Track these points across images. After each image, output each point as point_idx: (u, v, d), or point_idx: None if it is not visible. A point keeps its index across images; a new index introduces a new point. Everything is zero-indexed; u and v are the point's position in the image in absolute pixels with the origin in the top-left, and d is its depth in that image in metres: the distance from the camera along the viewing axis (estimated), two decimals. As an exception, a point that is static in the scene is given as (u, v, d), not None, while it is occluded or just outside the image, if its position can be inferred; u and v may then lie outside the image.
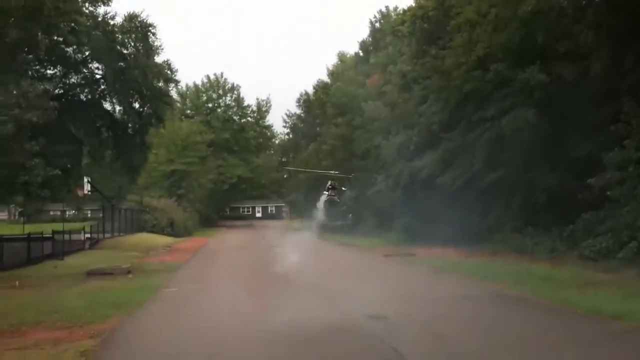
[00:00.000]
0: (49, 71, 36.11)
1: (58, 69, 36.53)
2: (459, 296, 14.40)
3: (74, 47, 35.21)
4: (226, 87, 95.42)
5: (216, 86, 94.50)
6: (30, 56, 32.30)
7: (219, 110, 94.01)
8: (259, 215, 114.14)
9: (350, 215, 62.21)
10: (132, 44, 36.96)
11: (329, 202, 15.71)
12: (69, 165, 35.97)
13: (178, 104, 77.96)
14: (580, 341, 9.05)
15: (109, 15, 35.50)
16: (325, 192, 15.86)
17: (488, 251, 25.49)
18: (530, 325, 10.54)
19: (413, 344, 9.00)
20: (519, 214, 26.19)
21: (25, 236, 26.62)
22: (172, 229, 51.32)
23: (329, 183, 16.03)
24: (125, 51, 36.68)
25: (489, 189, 27.51)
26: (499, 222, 27.35)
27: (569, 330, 9.99)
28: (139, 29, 36.50)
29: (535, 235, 24.62)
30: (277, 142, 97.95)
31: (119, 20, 36.11)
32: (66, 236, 29.46)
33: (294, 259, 26.55)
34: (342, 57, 65.29)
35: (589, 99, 22.72)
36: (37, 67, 34.63)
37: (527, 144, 24.95)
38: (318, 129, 68.05)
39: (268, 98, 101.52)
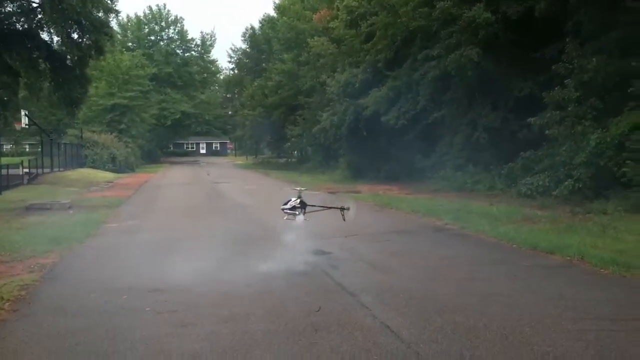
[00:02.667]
0: (-19, -1, 34.35)
1: (-8, -4, 34.77)
2: (402, 231, 14.70)
3: (9, -27, 33.53)
4: (169, 20, 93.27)
5: (158, 18, 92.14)
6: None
7: (161, 43, 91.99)
8: (203, 151, 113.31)
9: (295, 152, 62.42)
10: (71, -31, 35.32)
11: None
12: (5, 98, 34.67)
13: (119, 36, 75.76)
14: (516, 274, 9.37)
15: (45, -62, 33.72)
16: (285, 208, 10.56)
17: (430, 188, 26.02)
18: (469, 259, 10.85)
19: (358, 278, 9.15)
20: (461, 152, 26.74)
21: (-40, 170, 25.82)
22: (114, 165, 50.53)
23: (295, 199, 10.62)
24: (63, -22, 35.01)
25: (433, 127, 27.90)
26: (441, 160, 27.87)
27: (505, 263, 10.32)
28: (78, -47, 34.79)
29: (476, 173, 25.25)
30: (221, 77, 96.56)
31: (55, -57, 34.34)
32: (3, 171, 28.59)
33: (236, 195, 26.61)
34: (289, -10, 64.05)
35: (532, 39, 23.00)
36: (-31, -6, 32.90)
37: (470, 82, 25.27)
38: (264, 64, 67.39)
39: (213, 32, 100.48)
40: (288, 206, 10.53)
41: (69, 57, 38.16)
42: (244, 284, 8.58)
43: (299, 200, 10.56)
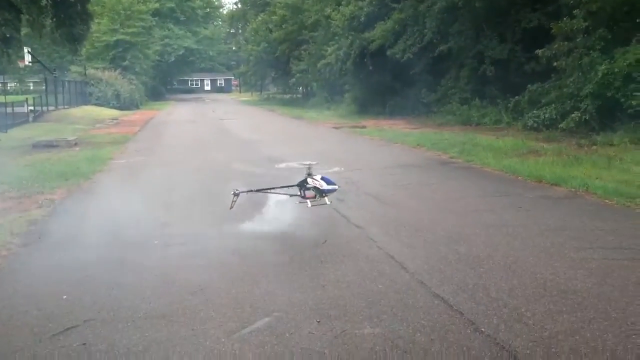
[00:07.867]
0: None
1: None
2: (407, 165, 14.72)
3: None
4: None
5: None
6: None
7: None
8: (207, 88, 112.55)
9: (301, 88, 61.93)
10: None
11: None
12: (7, 35, 34.33)
13: (120, -30, 74.33)
14: (520, 205, 9.42)
15: None
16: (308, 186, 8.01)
17: (436, 123, 25.94)
18: (474, 191, 10.89)
19: (363, 211, 9.22)
20: (467, 85, 26.55)
21: (-35, 108, 25.81)
22: (118, 102, 50.33)
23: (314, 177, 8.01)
24: None
25: (439, 60, 27.59)
26: (447, 94, 27.69)
27: (509, 195, 10.36)
28: None
29: (482, 107, 25.12)
30: (225, 12, 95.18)
31: None
32: (9, 108, 28.60)
33: (242, 131, 26.57)
34: None
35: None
36: None
37: (478, 14, 24.84)
38: (267, -2, 66.17)
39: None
40: (311, 184, 7.94)
41: (70, -8, 37.59)
42: (249, 219, 8.64)
43: (319, 177, 7.98)
